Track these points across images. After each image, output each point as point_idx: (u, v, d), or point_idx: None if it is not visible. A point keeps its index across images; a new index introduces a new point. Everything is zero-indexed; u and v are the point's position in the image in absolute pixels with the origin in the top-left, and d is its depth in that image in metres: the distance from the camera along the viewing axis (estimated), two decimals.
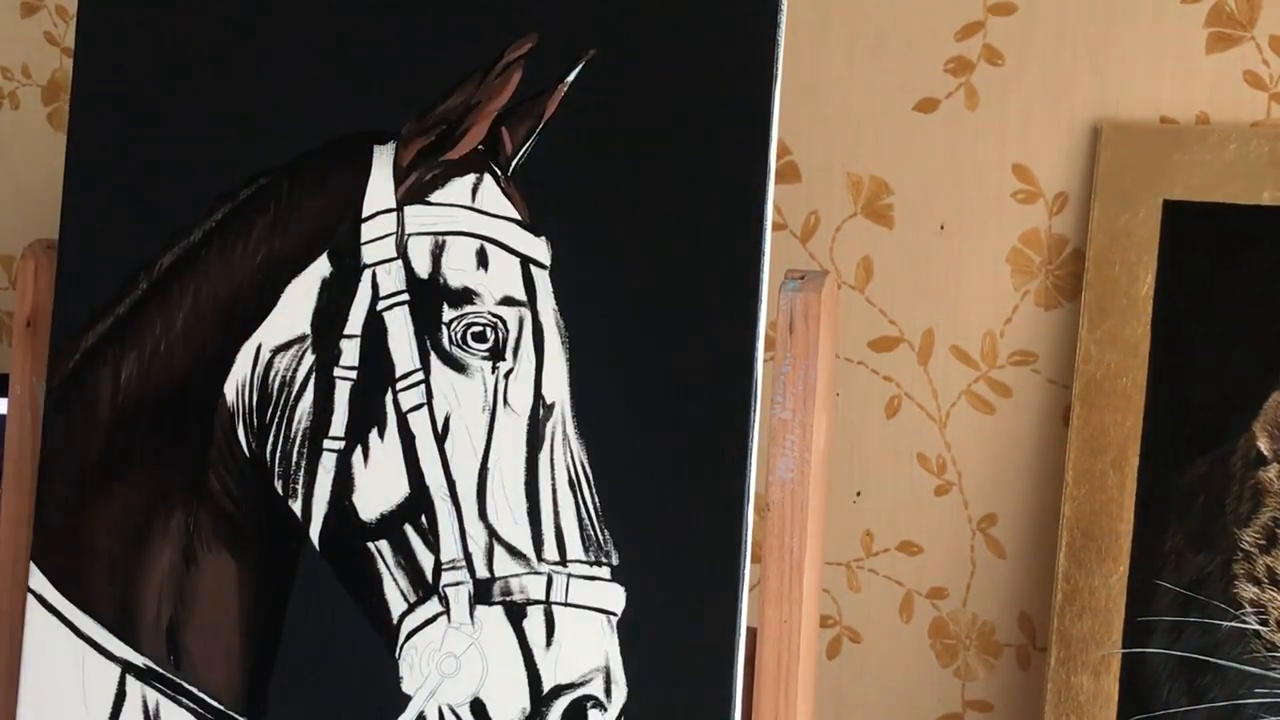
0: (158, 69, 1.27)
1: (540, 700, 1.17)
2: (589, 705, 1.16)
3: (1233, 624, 1.41)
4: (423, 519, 1.19)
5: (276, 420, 1.22)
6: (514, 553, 1.17)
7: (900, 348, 1.57)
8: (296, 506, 1.22)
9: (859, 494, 1.59)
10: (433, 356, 1.19)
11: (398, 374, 1.20)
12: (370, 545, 1.20)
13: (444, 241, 1.20)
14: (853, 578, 1.60)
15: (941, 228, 1.55)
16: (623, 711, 1.16)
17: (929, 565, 1.58)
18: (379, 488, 1.20)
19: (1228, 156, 1.44)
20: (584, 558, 1.16)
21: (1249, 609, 1.41)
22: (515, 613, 1.17)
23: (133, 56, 1.28)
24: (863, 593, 1.60)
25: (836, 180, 1.57)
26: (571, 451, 1.17)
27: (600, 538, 1.16)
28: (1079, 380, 1.48)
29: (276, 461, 1.22)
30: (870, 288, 1.57)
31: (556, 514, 1.17)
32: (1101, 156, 1.48)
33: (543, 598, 1.16)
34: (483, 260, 1.19)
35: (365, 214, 1.21)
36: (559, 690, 1.17)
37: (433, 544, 1.18)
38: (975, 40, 1.52)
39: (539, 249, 1.18)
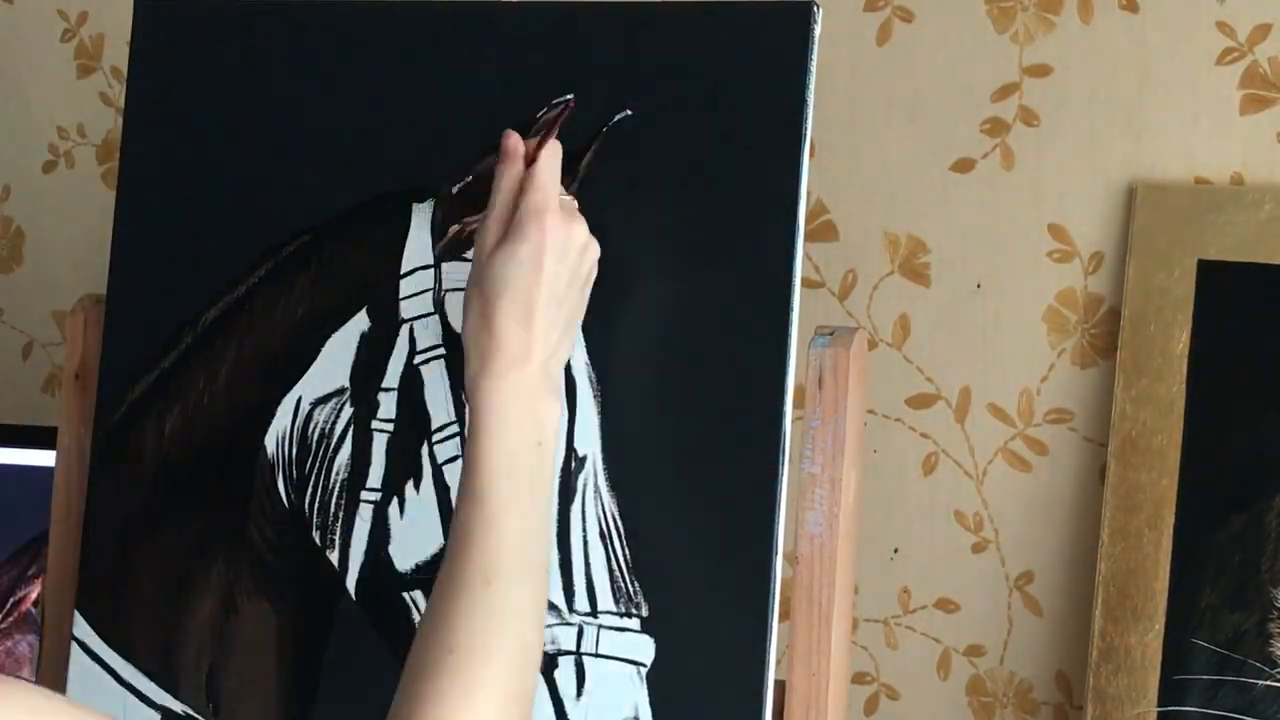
0: (204, 129, 1.30)
1: None
2: None
3: (1268, 683, 1.41)
4: None
5: (315, 472, 1.25)
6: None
7: (937, 405, 1.58)
8: (334, 557, 1.24)
9: (896, 551, 1.60)
10: (468, 410, 1.21)
11: (434, 426, 1.22)
12: (405, 595, 1.22)
13: None
14: (890, 635, 1.61)
15: (978, 286, 1.56)
16: None
17: (966, 623, 1.59)
18: (414, 538, 1.22)
19: (1262, 217, 1.45)
20: (614, 609, 1.17)
21: None
22: (547, 663, 1.18)
23: (180, 117, 1.31)
24: (900, 650, 1.61)
25: (874, 239, 1.58)
26: (603, 503, 1.18)
27: (630, 589, 1.17)
28: (1115, 438, 1.49)
29: (315, 512, 1.24)
30: (907, 345, 1.58)
31: (588, 565, 1.18)
32: (1136, 216, 1.49)
33: (574, 648, 1.18)
34: None
35: (404, 270, 1.24)
36: None
37: None
38: (1011, 101, 1.54)
39: None
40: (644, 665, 1.17)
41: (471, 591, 1.03)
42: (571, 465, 1.19)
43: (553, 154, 1.12)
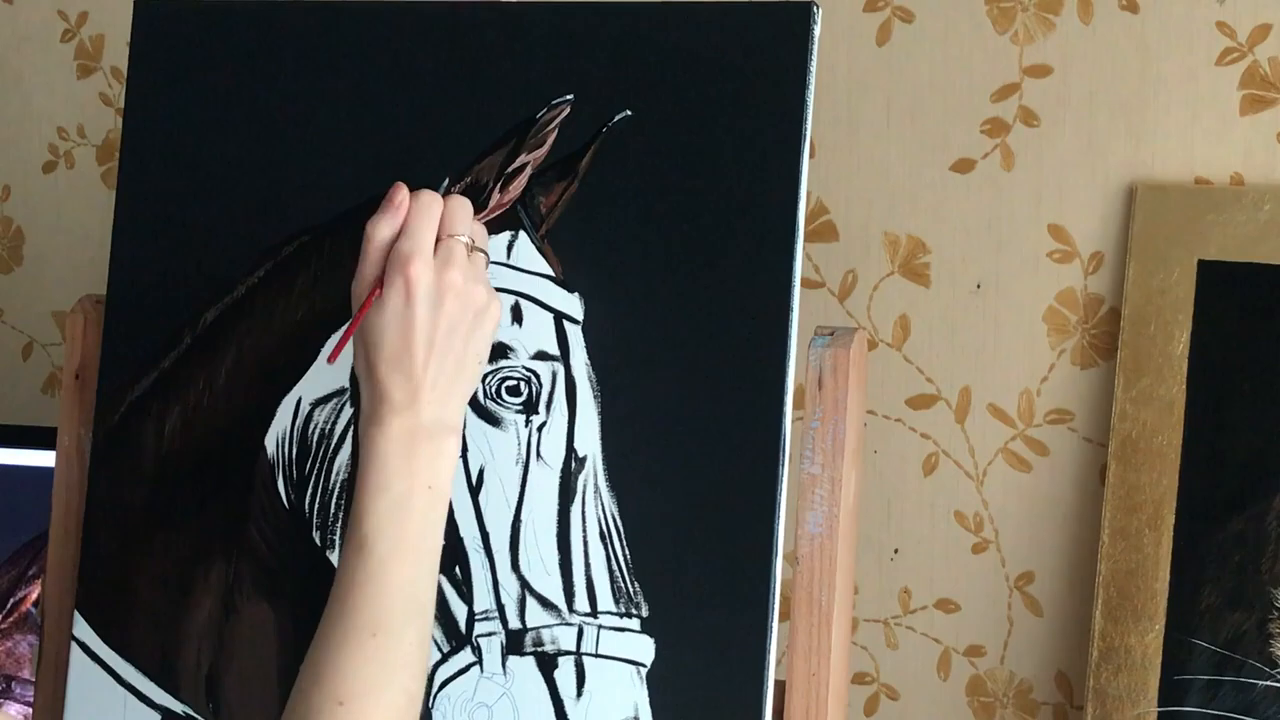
0: (204, 129, 1.30)
1: None
2: None
3: (1269, 683, 1.41)
4: (457, 570, 1.20)
5: (315, 472, 1.25)
6: (546, 604, 1.19)
7: (937, 405, 1.58)
8: (334, 557, 1.23)
9: (896, 551, 1.60)
10: (468, 410, 1.21)
11: None
12: None
13: None
14: (890, 635, 1.61)
15: (978, 286, 1.56)
16: None
17: (966, 623, 1.59)
18: None
19: (1262, 217, 1.45)
20: (614, 609, 1.18)
21: None
22: (546, 663, 1.18)
23: (180, 117, 1.31)
24: (900, 650, 1.61)
25: (874, 239, 1.58)
26: (603, 504, 1.18)
27: (630, 589, 1.18)
28: (1115, 439, 1.49)
29: (315, 513, 1.24)
30: (907, 346, 1.58)
31: (588, 566, 1.18)
32: (1136, 217, 1.49)
33: (573, 648, 1.18)
34: (517, 316, 1.21)
35: None
36: None
37: (466, 595, 1.20)
38: (1011, 102, 1.54)
39: (572, 305, 1.20)
40: (644, 665, 1.17)
41: (359, 642, 1.06)
42: (572, 466, 1.19)
43: (425, 206, 1.12)
